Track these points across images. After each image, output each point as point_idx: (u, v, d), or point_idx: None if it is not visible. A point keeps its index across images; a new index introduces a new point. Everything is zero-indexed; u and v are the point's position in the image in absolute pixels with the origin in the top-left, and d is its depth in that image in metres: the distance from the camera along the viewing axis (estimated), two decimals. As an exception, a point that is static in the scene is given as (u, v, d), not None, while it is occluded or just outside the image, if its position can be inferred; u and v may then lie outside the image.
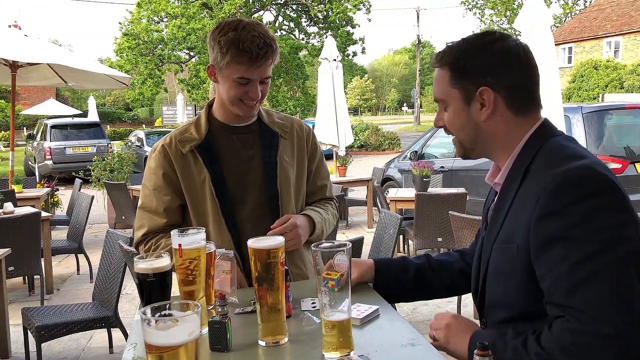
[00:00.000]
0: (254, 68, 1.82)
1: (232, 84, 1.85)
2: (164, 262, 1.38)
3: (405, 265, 1.72)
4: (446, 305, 4.93)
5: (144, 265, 1.37)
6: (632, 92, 21.58)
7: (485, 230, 1.46)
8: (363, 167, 13.89)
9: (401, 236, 6.63)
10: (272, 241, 1.44)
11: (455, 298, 4.44)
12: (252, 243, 1.44)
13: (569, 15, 38.22)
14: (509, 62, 1.35)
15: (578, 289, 1.13)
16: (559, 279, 1.16)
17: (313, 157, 2.13)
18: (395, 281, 1.71)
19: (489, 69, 1.34)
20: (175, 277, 1.46)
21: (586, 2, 33.80)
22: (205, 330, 1.44)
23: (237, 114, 1.94)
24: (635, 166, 6.26)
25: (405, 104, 69.10)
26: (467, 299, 4.61)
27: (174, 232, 1.50)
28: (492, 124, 1.36)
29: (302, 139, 2.09)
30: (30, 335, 3.53)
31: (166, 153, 1.97)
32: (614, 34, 27.93)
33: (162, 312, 0.97)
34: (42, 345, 3.44)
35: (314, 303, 1.69)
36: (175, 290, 1.47)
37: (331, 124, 8.63)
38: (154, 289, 1.36)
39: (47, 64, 7.57)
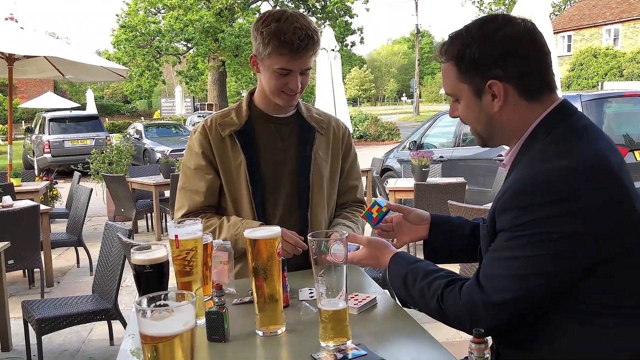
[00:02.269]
0: (295, 60, 1.83)
1: (273, 75, 1.87)
2: (160, 253, 1.38)
3: (462, 223, 1.70)
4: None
5: (140, 256, 1.37)
6: (631, 80, 21.55)
7: None
8: (362, 157, 13.89)
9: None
10: (268, 231, 1.44)
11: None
12: (249, 233, 1.44)
13: (568, 3, 38.08)
14: (515, 50, 1.30)
15: (495, 276, 1.25)
16: (487, 262, 1.28)
17: (347, 156, 2.14)
18: (450, 237, 1.69)
19: (495, 60, 1.30)
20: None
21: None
22: (203, 320, 1.44)
23: (278, 104, 1.95)
24: (634, 154, 6.26)
25: (404, 94, 69.00)
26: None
27: (170, 224, 1.50)
28: (505, 114, 1.34)
29: (338, 136, 2.10)
30: (30, 328, 3.54)
31: (206, 134, 1.99)
32: (613, 21, 27.81)
33: (158, 303, 0.97)
34: (43, 337, 3.44)
35: (311, 292, 1.69)
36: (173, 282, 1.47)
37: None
38: (151, 280, 1.36)
39: (44, 56, 7.55)
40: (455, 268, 4.57)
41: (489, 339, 1.26)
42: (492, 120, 1.36)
